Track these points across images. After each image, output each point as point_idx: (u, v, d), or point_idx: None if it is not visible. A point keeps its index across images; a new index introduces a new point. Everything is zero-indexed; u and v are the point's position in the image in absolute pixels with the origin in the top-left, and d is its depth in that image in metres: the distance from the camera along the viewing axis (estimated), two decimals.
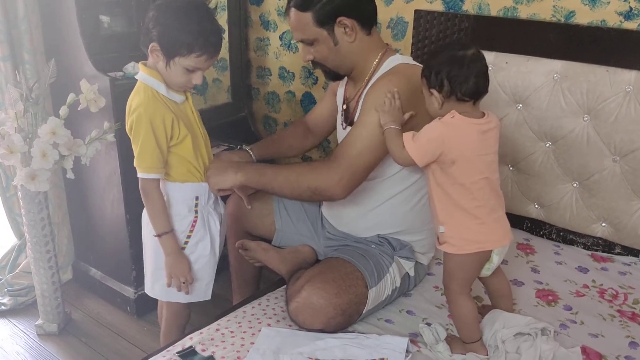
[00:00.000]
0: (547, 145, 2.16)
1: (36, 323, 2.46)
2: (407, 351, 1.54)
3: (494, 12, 2.26)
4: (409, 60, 1.79)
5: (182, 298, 1.81)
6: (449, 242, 1.56)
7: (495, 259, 1.57)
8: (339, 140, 1.93)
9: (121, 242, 2.44)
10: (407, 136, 1.53)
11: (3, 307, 2.60)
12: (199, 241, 1.77)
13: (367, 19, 1.74)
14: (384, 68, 1.74)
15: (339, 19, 1.69)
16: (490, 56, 2.21)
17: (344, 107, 1.89)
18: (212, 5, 1.68)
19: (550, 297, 1.85)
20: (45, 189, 2.14)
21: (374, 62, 1.77)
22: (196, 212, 1.75)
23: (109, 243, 2.56)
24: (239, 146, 2.03)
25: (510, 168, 2.27)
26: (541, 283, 1.93)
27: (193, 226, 1.75)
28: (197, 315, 2.18)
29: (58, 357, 2.32)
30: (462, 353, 1.55)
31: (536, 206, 2.25)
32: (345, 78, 1.88)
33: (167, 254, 1.70)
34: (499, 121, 1.59)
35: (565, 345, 1.57)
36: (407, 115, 1.62)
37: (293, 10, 1.72)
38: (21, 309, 2.61)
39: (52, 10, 2.38)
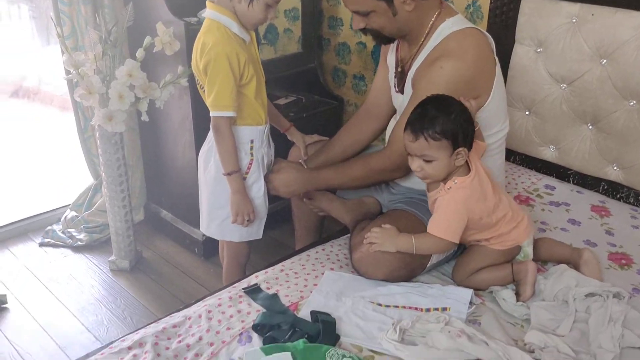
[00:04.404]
0: (631, 104, 2.04)
1: (109, 259, 2.59)
2: (471, 303, 1.52)
3: None
4: (460, 24, 1.69)
5: (236, 237, 1.86)
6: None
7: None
8: (394, 104, 1.90)
9: (191, 186, 2.50)
10: (437, 230, 1.52)
11: (79, 243, 2.74)
12: (253, 182, 1.80)
13: None
14: (436, 36, 1.69)
15: None
16: (575, 7, 2.09)
17: (399, 69, 1.85)
18: None
19: (623, 261, 1.78)
20: (121, 129, 2.21)
21: (429, 25, 1.70)
22: (252, 154, 1.77)
23: (180, 186, 2.64)
24: (299, 161, 1.99)
25: (590, 127, 2.17)
26: (615, 246, 1.85)
27: (249, 168, 1.78)
28: (259, 259, 2.23)
29: (129, 292, 2.44)
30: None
31: (615, 168, 2.15)
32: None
33: (234, 192, 1.74)
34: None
35: (639, 310, 1.51)
36: (473, 103, 1.61)
37: None
38: (96, 246, 2.75)
39: None
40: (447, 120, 1.46)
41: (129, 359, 1.33)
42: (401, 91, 1.81)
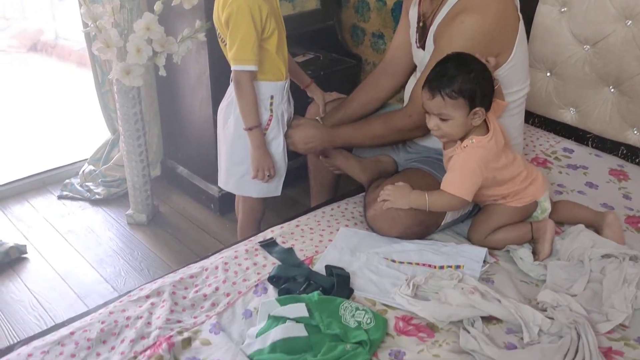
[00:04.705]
0: None
1: (127, 213, 2.62)
2: (485, 261, 1.53)
3: None
4: None
5: (254, 193, 1.88)
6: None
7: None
8: (415, 60, 1.87)
9: (208, 142, 2.52)
10: (450, 187, 1.51)
11: (97, 197, 2.77)
12: (273, 139, 1.80)
13: None
14: None
15: None
16: None
17: (420, 24, 1.82)
18: None
19: None
20: (139, 84, 2.22)
21: None
22: (271, 110, 1.77)
23: (197, 142, 2.65)
24: (317, 118, 1.98)
25: (612, 90, 2.13)
26: (632, 209, 1.84)
27: (268, 124, 1.78)
28: (274, 216, 2.25)
29: (146, 245, 2.48)
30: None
31: (635, 132, 2.12)
32: None
33: (254, 148, 1.75)
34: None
35: None
36: (492, 60, 1.58)
37: None
38: (113, 199, 2.78)
39: None
40: (465, 79, 1.44)
41: (147, 307, 1.36)
42: (422, 47, 1.79)
